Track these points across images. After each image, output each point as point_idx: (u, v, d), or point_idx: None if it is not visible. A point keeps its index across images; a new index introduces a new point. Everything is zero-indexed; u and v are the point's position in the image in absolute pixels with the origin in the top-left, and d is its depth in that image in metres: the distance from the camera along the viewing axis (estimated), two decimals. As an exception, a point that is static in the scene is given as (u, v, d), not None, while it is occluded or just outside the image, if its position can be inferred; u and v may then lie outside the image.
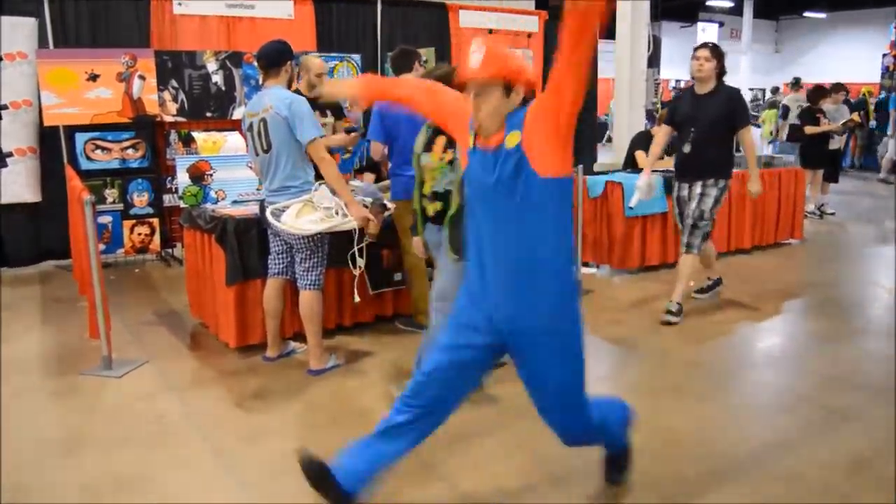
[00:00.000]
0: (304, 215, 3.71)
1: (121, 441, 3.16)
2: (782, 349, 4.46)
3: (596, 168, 6.90)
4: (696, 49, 4.78)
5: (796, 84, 12.35)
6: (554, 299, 2.23)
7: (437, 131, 3.35)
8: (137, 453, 3.06)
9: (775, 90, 17.93)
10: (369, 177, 5.42)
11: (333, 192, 3.79)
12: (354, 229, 4.18)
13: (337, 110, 5.28)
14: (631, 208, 5.38)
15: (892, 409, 3.44)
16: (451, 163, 3.28)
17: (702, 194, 4.76)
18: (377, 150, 4.45)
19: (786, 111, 11.22)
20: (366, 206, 4.08)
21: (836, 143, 9.13)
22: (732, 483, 2.80)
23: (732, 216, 6.75)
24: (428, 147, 3.38)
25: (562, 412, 2.38)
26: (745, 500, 2.69)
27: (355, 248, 4.04)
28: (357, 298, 4.21)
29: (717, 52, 4.69)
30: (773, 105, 15.50)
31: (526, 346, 2.29)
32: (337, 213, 3.76)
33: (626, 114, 9.49)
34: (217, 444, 3.14)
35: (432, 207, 3.39)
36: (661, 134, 5.11)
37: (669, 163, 6.82)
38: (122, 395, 3.66)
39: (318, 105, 4.86)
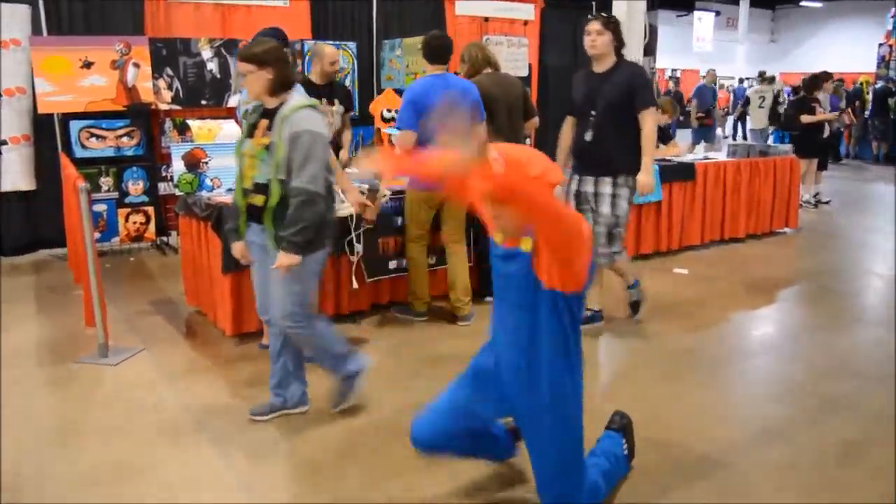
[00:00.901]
0: (300, 203, 3.71)
1: (117, 429, 3.17)
2: (776, 337, 4.48)
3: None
4: (586, 23, 4.14)
5: (762, 76, 12.40)
6: (553, 380, 2.27)
7: (262, 114, 3.02)
8: (134, 441, 3.07)
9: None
10: (365, 164, 5.37)
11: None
12: (351, 215, 4.19)
13: (347, 99, 5.20)
14: None
15: (886, 398, 3.47)
16: (267, 147, 2.93)
17: (613, 195, 4.18)
18: (409, 139, 4.09)
19: (746, 101, 11.31)
20: (363, 193, 4.09)
21: (826, 132, 9.15)
22: (725, 471, 2.82)
23: (727, 205, 6.77)
24: (251, 132, 3.03)
25: (560, 482, 2.36)
26: (738, 488, 2.71)
27: (353, 235, 4.04)
28: (355, 285, 4.22)
29: (610, 24, 4.09)
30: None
31: (528, 424, 2.38)
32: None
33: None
34: (213, 432, 3.15)
35: (257, 200, 3.00)
36: (567, 127, 4.43)
37: (667, 151, 6.82)
38: (119, 383, 3.66)
39: (328, 93, 4.82)
